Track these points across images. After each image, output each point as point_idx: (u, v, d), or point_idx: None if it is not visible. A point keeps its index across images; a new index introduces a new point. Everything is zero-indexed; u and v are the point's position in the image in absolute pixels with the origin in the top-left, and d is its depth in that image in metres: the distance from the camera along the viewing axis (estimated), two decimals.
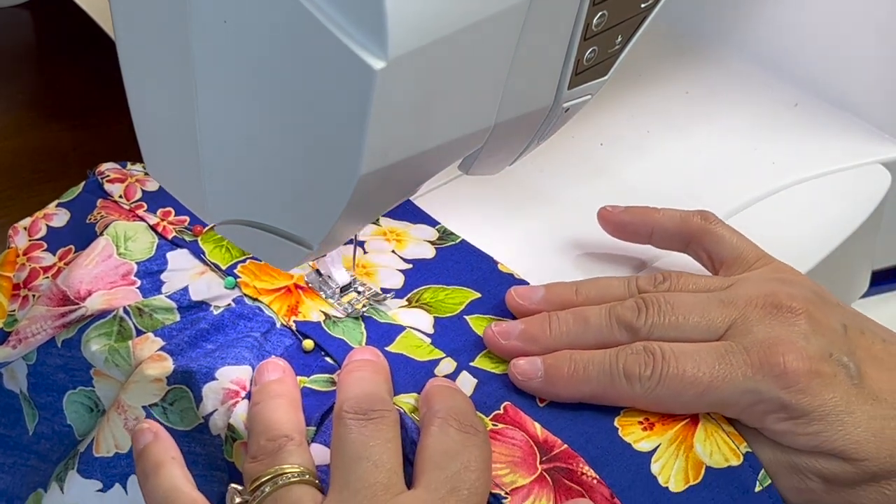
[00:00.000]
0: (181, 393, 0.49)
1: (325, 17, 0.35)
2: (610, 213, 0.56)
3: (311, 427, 0.46)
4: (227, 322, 0.51)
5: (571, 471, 0.45)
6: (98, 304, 0.51)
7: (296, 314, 0.51)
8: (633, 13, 0.47)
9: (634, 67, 0.69)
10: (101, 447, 0.50)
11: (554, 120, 0.47)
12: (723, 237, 0.53)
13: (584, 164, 0.63)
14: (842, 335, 0.47)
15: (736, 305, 0.48)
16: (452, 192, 0.59)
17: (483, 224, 0.57)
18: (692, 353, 0.46)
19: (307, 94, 0.37)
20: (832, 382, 0.46)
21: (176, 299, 0.51)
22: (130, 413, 0.50)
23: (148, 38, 0.41)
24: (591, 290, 0.51)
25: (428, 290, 0.53)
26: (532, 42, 0.41)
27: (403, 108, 0.38)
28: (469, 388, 0.48)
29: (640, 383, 0.46)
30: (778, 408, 0.45)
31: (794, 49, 0.70)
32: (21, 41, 0.84)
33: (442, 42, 0.37)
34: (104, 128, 0.70)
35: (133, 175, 0.59)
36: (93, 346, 0.51)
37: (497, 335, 0.49)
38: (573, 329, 0.48)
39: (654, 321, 0.47)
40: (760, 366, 0.45)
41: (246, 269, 0.53)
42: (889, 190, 0.64)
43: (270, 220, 0.42)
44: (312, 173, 0.39)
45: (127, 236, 0.54)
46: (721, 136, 0.66)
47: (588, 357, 0.47)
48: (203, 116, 0.40)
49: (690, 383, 0.46)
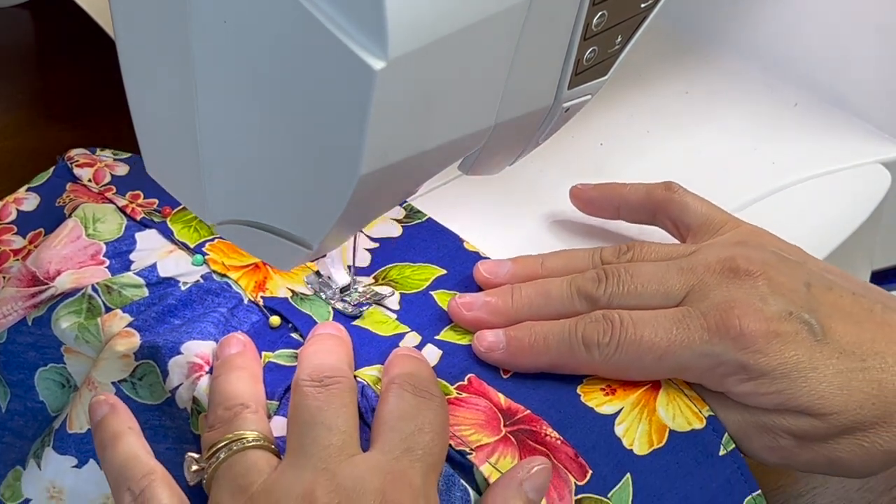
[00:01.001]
0: (149, 368, 0.49)
1: (325, 17, 0.35)
2: (580, 191, 0.57)
3: (274, 402, 0.47)
4: (194, 298, 0.51)
5: (535, 432, 0.46)
6: (67, 282, 0.52)
7: (263, 290, 0.52)
8: (633, 13, 0.47)
9: (634, 67, 0.69)
10: (74, 424, 0.51)
11: (554, 120, 0.47)
12: (687, 205, 0.53)
13: (584, 164, 0.63)
14: (804, 294, 0.47)
15: (694, 272, 0.48)
16: (452, 192, 0.59)
17: (483, 224, 0.57)
18: (650, 320, 0.47)
19: (307, 95, 0.37)
20: (793, 340, 0.46)
21: (144, 276, 0.52)
22: (101, 389, 0.50)
23: (148, 38, 0.41)
24: (556, 262, 0.52)
25: (394, 267, 0.54)
26: (532, 42, 0.41)
27: (403, 108, 0.38)
28: (434, 360, 0.49)
29: (599, 350, 0.47)
30: (737, 369, 0.46)
31: (794, 49, 0.69)
32: (21, 41, 0.84)
33: (442, 42, 0.37)
34: (104, 128, 0.70)
35: (102, 160, 0.60)
36: (63, 323, 0.51)
37: (461, 306, 0.50)
38: (535, 300, 0.49)
39: (614, 290, 0.48)
40: (717, 329, 0.46)
41: (214, 247, 0.53)
42: (889, 190, 0.64)
43: (270, 220, 0.42)
44: (312, 173, 0.39)
45: (96, 218, 0.55)
46: (721, 136, 0.66)
47: (548, 327, 0.48)
48: (203, 116, 0.40)
49: (648, 349, 0.46)
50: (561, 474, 0.45)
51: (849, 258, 0.62)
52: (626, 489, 0.45)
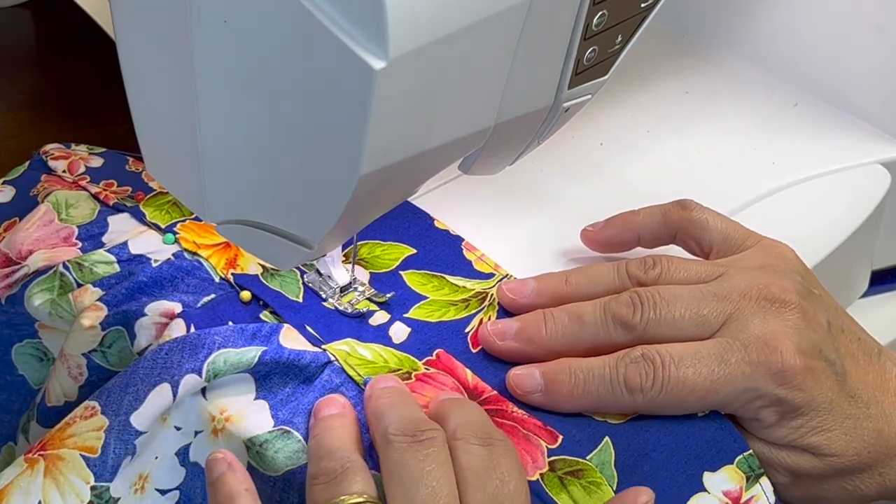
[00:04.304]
0: (117, 334, 0.50)
1: (325, 16, 0.35)
2: (592, 233, 0.56)
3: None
4: (164, 275, 0.51)
5: (502, 410, 0.46)
6: (39, 261, 0.53)
7: (234, 267, 0.52)
8: (633, 13, 0.47)
9: (634, 67, 0.69)
10: (52, 397, 0.52)
11: (554, 120, 0.47)
12: (707, 222, 0.53)
13: (584, 164, 0.63)
14: (827, 331, 0.48)
15: (730, 300, 0.48)
16: (452, 192, 0.59)
17: (483, 224, 0.57)
18: (690, 357, 0.46)
19: (307, 94, 0.37)
20: (821, 378, 0.46)
21: (115, 253, 0.52)
22: (72, 361, 0.51)
23: (148, 38, 0.41)
24: (580, 278, 0.51)
25: (364, 245, 0.54)
26: (532, 42, 0.41)
27: (403, 108, 0.38)
28: (403, 337, 0.49)
29: (643, 394, 0.46)
30: (773, 402, 0.46)
31: (794, 49, 0.70)
32: (21, 41, 0.84)
33: (442, 42, 0.37)
34: (104, 128, 0.70)
35: (77, 154, 0.60)
36: (35, 301, 0.52)
37: (493, 335, 0.49)
38: (569, 328, 0.48)
39: (650, 317, 0.47)
40: (759, 363, 0.46)
41: (186, 227, 0.54)
42: (889, 190, 0.64)
43: (270, 219, 0.42)
44: (313, 173, 0.39)
45: (69, 203, 0.56)
46: (721, 136, 0.66)
47: (587, 368, 0.47)
48: (203, 116, 0.40)
49: (692, 390, 0.46)
50: (531, 440, 0.46)
51: (849, 258, 0.62)
52: (607, 450, 0.46)
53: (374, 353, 0.49)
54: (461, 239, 0.55)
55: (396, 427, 0.44)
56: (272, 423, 0.46)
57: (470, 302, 0.52)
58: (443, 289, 0.53)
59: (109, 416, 0.47)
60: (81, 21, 0.70)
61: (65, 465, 0.47)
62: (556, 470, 0.45)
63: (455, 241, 0.55)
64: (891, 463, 0.47)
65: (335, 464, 0.44)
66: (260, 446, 0.46)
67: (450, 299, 0.52)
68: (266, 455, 0.46)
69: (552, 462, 0.45)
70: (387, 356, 0.49)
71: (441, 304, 0.52)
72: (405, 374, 0.48)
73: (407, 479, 0.42)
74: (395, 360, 0.49)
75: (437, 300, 0.52)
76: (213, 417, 0.47)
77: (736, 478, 0.46)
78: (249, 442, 0.46)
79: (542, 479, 0.45)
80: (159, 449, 0.48)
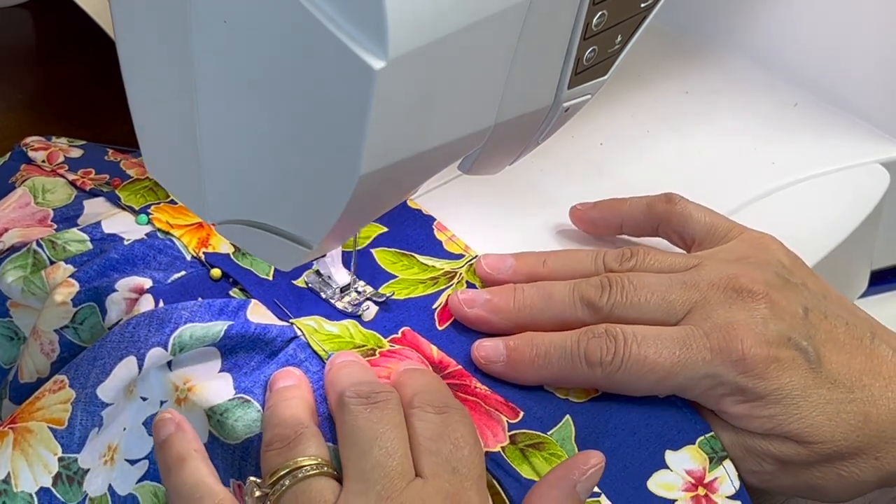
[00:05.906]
0: (90, 310, 0.50)
1: (325, 16, 0.35)
2: (581, 211, 0.57)
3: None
4: (136, 252, 0.52)
5: (465, 385, 0.47)
6: (13, 238, 0.53)
7: (206, 246, 0.53)
8: (633, 13, 0.47)
9: (634, 67, 0.69)
10: (25, 373, 0.52)
11: (554, 120, 0.47)
12: (690, 215, 0.53)
13: (584, 164, 0.63)
14: (802, 319, 0.48)
15: (698, 288, 0.48)
16: (452, 192, 0.59)
17: (483, 224, 0.57)
18: (653, 338, 0.47)
19: (307, 94, 0.37)
20: (790, 367, 0.46)
21: (88, 232, 0.53)
22: (45, 337, 0.51)
23: (148, 38, 0.41)
24: (558, 261, 0.52)
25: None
26: (532, 42, 0.41)
27: (403, 108, 0.38)
28: (371, 315, 0.50)
29: (602, 368, 0.47)
30: (735, 391, 0.46)
31: (794, 49, 0.70)
32: (21, 41, 0.84)
33: (442, 42, 0.37)
34: (104, 128, 0.70)
35: (57, 145, 0.61)
36: (8, 278, 0.52)
37: (462, 303, 0.50)
38: (537, 303, 0.49)
39: (616, 300, 0.48)
40: (720, 351, 0.46)
41: (160, 209, 0.54)
42: (888, 190, 0.64)
43: (270, 219, 0.42)
44: (312, 173, 0.40)
45: (45, 189, 0.56)
46: (721, 136, 0.66)
47: (549, 340, 0.48)
48: (203, 116, 0.40)
49: (651, 369, 0.46)
50: (493, 415, 0.46)
51: (848, 258, 0.62)
52: (567, 427, 0.47)
53: (342, 327, 0.50)
54: (433, 219, 0.56)
55: (352, 390, 0.45)
56: (233, 392, 0.47)
57: (438, 280, 0.53)
58: (412, 268, 0.54)
59: (77, 388, 0.48)
60: (81, 21, 0.70)
61: (33, 438, 0.47)
62: (517, 443, 0.46)
63: (427, 221, 0.56)
64: (887, 447, 0.47)
65: (289, 430, 0.45)
66: (220, 415, 0.46)
67: (419, 278, 0.53)
68: (226, 424, 0.46)
69: (513, 436, 0.46)
70: (353, 331, 0.50)
71: (410, 283, 0.52)
72: (370, 350, 0.49)
73: (361, 439, 0.43)
74: (361, 336, 0.50)
75: (405, 279, 0.53)
76: (177, 387, 0.47)
77: (699, 458, 0.46)
78: (210, 411, 0.47)
79: (504, 451, 0.46)
80: (128, 420, 0.48)
